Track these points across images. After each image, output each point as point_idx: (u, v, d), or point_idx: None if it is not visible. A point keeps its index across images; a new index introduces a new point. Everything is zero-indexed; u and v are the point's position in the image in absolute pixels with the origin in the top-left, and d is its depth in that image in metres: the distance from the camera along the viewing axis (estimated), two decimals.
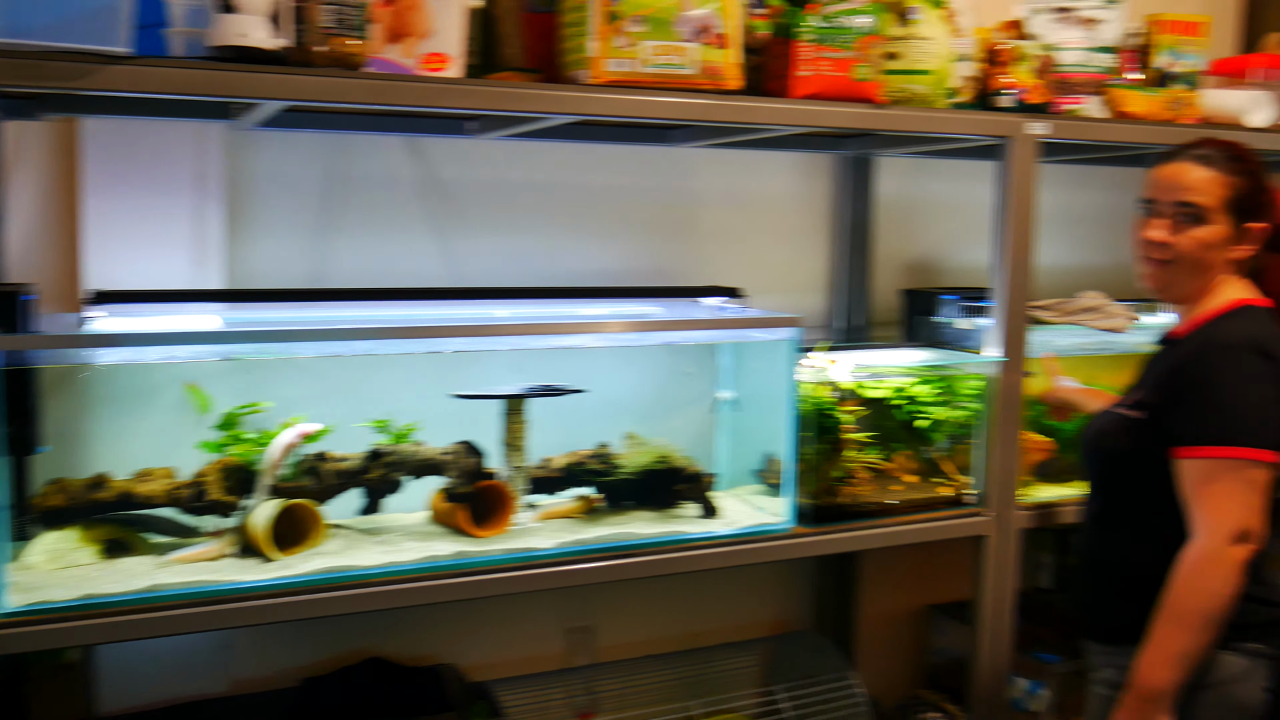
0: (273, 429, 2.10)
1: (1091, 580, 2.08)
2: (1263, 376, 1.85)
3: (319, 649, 2.51)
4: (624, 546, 2.19)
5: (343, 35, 1.80)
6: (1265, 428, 1.84)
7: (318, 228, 2.41)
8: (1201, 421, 1.86)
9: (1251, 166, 1.98)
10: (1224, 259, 1.98)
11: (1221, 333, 1.91)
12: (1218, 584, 1.81)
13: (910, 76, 2.33)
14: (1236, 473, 1.82)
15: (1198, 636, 1.82)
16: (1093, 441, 2.08)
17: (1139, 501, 1.99)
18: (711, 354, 2.60)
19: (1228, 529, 1.81)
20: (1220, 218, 1.96)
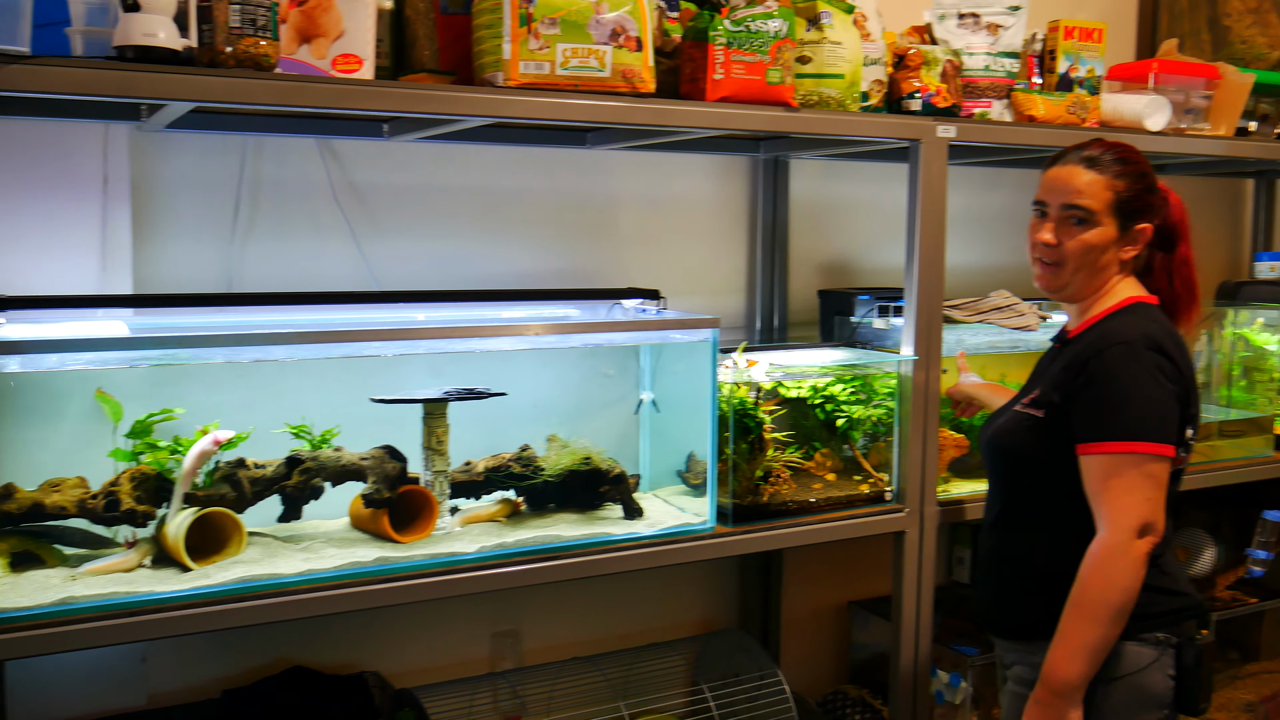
0: (188, 436, 2.07)
1: (997, 578, 2.10)
2: (1158, 372, 1.89)
3: (239, 659, 2.47)
4: (548, 549, 2.19)
5: (252, 36, 1.78)
6: (1163, 422, 1.88)
7: (229, 231, 2.39)
8: (1101, 419, 1.89)
9: (1138, 168, 2.02)
10: (1113, 259, 2.01)
11: (1116, 330, 1.94)
12: (1123, 577, 1.84)
13: (822, 80, 2.38)
14: (1137, 468, 1.86)
15: (1105, 629, 1.85)
16: (993, 441, 2.10)
17: (1041, 499, 2.01)
18: (632, 355, 2.62)
19: (1131, 523, 1.85)
20: (1107, 220, 2.00)
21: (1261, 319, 3.27)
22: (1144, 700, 1.94)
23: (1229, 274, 3.89)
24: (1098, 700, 1.91)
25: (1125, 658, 1.92)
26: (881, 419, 2.61)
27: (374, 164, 2.52)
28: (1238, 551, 3.36)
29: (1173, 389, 1.90)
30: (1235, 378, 3.33)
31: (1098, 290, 2.04)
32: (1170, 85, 2.86)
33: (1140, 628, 1.92)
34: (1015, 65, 2.69)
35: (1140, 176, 2.02)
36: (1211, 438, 3.19)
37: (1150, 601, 1.92)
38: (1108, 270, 2.02)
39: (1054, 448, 1.96)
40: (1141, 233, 2.02)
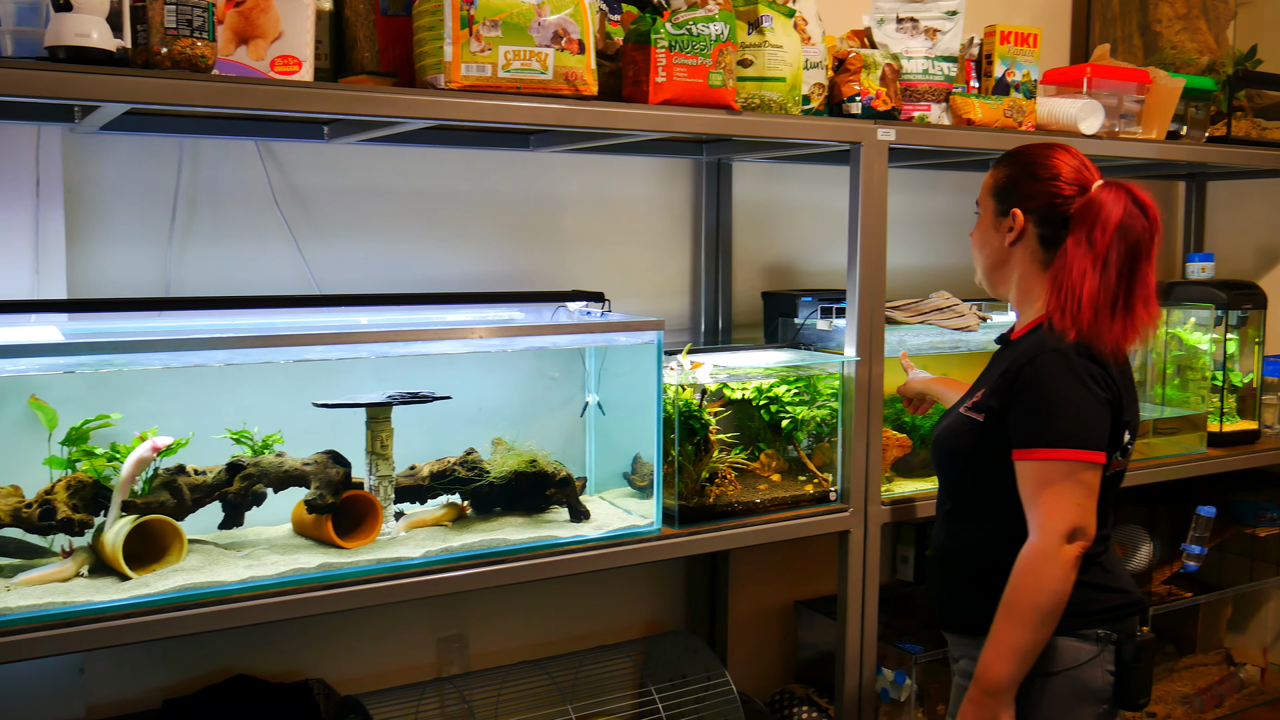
0: (126, 443, 2.04)
1: (945, 574, 2.13)
2: (1089, 379, 1.91)
3: (180, 669, 2.44)
4: (494, 553, 2.18)
5: (188, 37, 1.76)
6: (1093, 429, 1.90)
7: (166, 234, 2.35)
8: (1033, 425, 1.91)
9: (1027, 159, 2.04)
10: (1000, 247, 2.06)
11: (1049, 337, 1.95)
12: (1051, 581, 1.87)
13: (764, 83, 2.40)
14: (1069, 474, 1.88)
15: (1034, 632, 1.88)
16: (940, 442, 2.13)
17: (985, 498, 2.03)
18: (577, 358, 2.62)
19: (1060, 528, 1.87)
20: (986, 206, 2.09)
21: (1194, 319, 3.34)
22: (1083, 695, 1.97)
23: (1162, 274, 3.97)
24: (1036, 695, 1.94)
25: (1065, 653, 1.95)
26: (825, 419, 2.63)
27: (315, 166, 2.50)
28: (1173, 547, 3.42)
29: (1104, 396, 1.92)
30: (1169, 376, 3.40)
31: (1007, 284, 2.09)
32: (1103, 90, 2.92)
33: (1080, 624, 1.95)
34: (953, 69, 2.73)
35: (1025, 165, 2.04)
36: (1147, 435, 3.25)
37: (1090, 599, 1.96)
38: (1002, 262, 2.07)
39: (993, 451, 1.98)
40: (1013, 217, 2.03)
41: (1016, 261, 2.06)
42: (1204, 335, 3.32)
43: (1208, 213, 3.99)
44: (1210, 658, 3.75)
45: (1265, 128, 3.39)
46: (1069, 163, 2.02)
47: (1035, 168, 2.02)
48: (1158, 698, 3.49)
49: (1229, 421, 3.37)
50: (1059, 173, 2.00)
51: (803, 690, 3.08)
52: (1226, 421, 3.35)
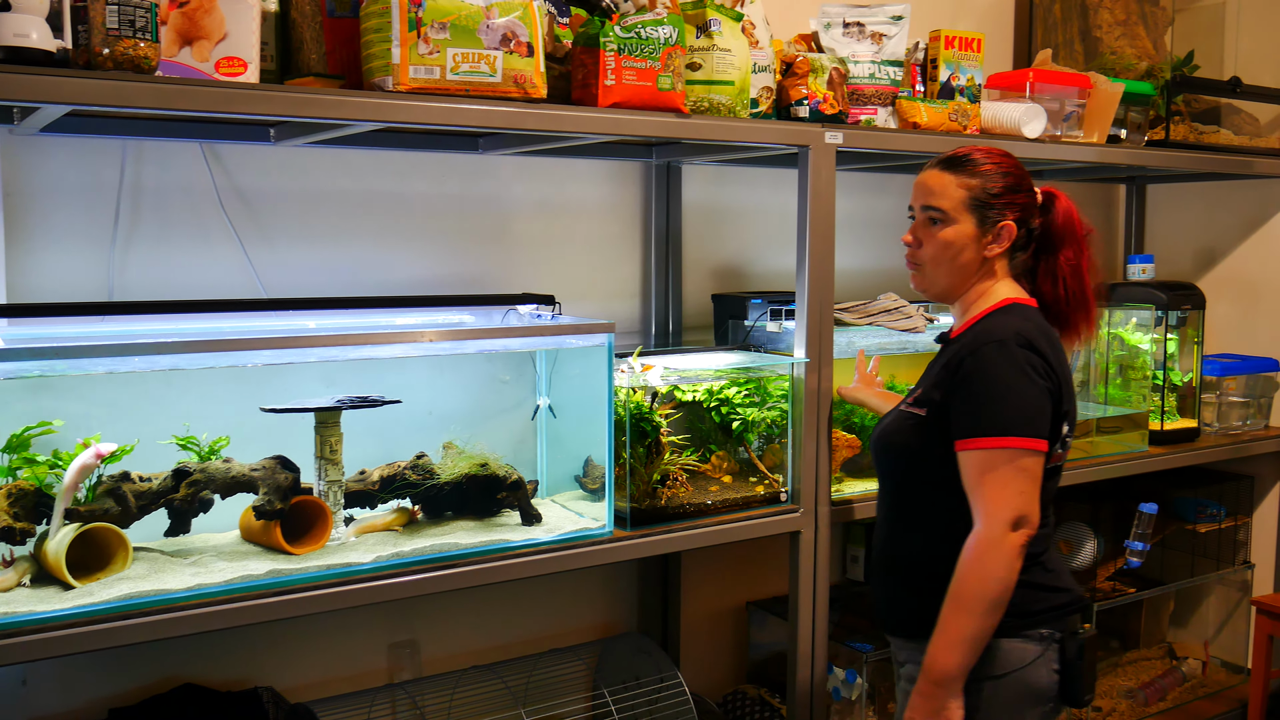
0: (68, 450, 2.01)
1: (888, 576, 2.13)
2: (1029, 368, 1.92)
3: (126, 678, 2.40)
4: (445, 557, 2.17)
5: (130, 38, 1.74)
6: (1035, 418, 1.91)
7: (109, 238, 2.32)
8: (975, 414, 1.92)
9: (999, 168, 2.06)
10: (975, 258, 2.06)
11: (990, 329, 1.98)
12: (998, 568, 1.87)
13: (713, 87, 2.41)
14: (1011, 462, 1.89)
15: (981, 620, 1.88)
16: (880, 440, 2.13)
17: (927, 497, 2.04)
18: (528, 361, 2.62)
19: (1005, 516, 1.88)
20: (962, 217, 2.05)
21: (1135, 319, 3.41)
22: (1029, 695, 1.98)
23: (1104, 276, 4.04)
24: (985, 697, 1.95)
25: (1010, 655, 1.96)
26: (776, 421, 2.65)
27: (261, 169, 2.47)
28: (1116, 543, 3.48)
29: (1044, 385, 1.94)
30: (1111, 376, 3.46)
31: (970, 291, 2.08)
32: (1046, 94, 2.97)
33: (1024, 624, 1.97)
34: (899, 73, 2.76)
35: (1001, 175, 2.05)
36: (1090, 434, 3.30)
37: (1033, 599, 1.97)
38: (971, 269, 2.07)
39: (936, 445, 1.99)
40: (1004, 229, 2.05)
41: (988, 268, 2.07)
42: (1145, 335, 3.38)
43: (1148, 215, 4.07)
44: (1153, 652, 3.82)
45: (1202, 131, 3.46)
46: (1022, 169, 2.10)
47: (1013, 178, 2.06)
48: (1102, 692, 3.55)
49: (1169, 420, 3.44)
50: (1027, 180, 2.08)
51: (755, 690, 3.09)
52: (1167, 420, 3.42)
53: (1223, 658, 3.89)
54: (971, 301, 2.09)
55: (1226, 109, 3.54)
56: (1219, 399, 3.60)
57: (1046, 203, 2.10)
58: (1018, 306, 2.04)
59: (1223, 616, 3.94)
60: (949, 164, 2.08)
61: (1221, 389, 3.61)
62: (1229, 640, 3.91)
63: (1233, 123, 3.56)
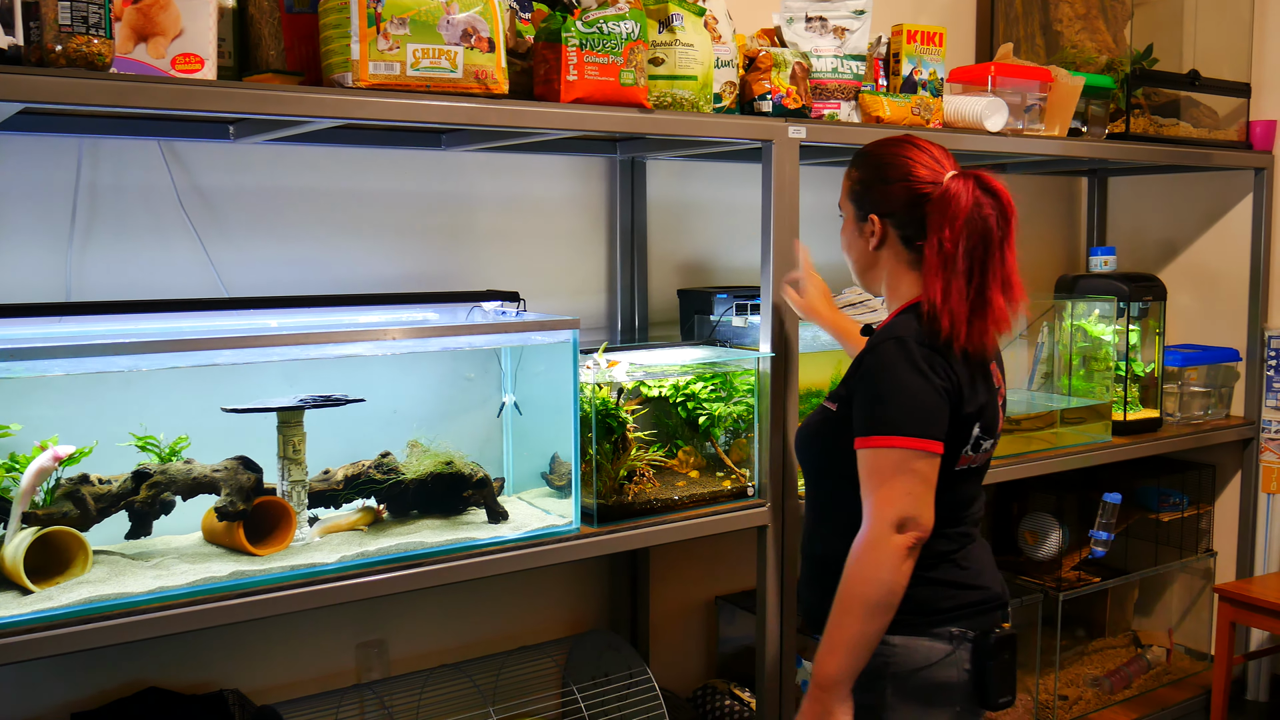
0: (25, 453, 1.98)
1: (809, 576, 2.08)
2: (925, 366, 1.85)
3: (88, 682, 2.37)
4: (411, 556, 2.16)
5: (83, 34, 1.71)
6: (927, 418, 1.84)
7: (65, 238, 2.29)
8: (869, 413, 1.86)
9: (876, 159, 1.98)
10: (864, 252, 2.02)
11: (894, 326, 1.93)
12: (880, 571, 1.81)
13: (675, 81, 2.41)
14: (900, 463, 1.82)
15: (862, 624, 1.81)
16: (800, 436, 2.09)
17: (839, 494, 1.96)
18: (493, 358, 2.61)
19: (891, 517, 1.81)
20: (847, 210, 2.05)
21: (1097, 310, 3.44)
22: (936, 696, 1.91)
23: (1066, 268, 4.08)
24: (890, 697, 1.90)
25: (915, 653, 1.90)
26: (742, 415, 2.66)
27: (220, 167, 2.45)
28: (1081, 533, 3.51)
29: (940, 384, 1.86)
30: (1075, 367, 3.49)
31: (886, 288, 2.03)
32: (1007, 88, 2.98)
33: (930, 622, 1.91)
34: (861, 68, 2.77)
35: (875, 167, 1.98)
36: (1054, 425, 3.33)
37: (942, 596, 1.92)
38: (865, 263, 2.04)
39: (845, 441, 1.92)
40: (871, 223, 1.99)
41: (884, 263, 2.01)
42: (1107, 327, 3.41)
43: (1109, 207, 4.11)
44: (1118, 640, 3.86)
45: (1162, 124, 3.50)
46: (919, 158, 1.94)
47: (886, 169, 1.96)
48: (1069, 680, 3.58)
49: (1132, 410, 3.47)
50: (910, 171, 1.93)
51: (724, 684, 3.10)
52: (1130, 410, 3.45)
53: (1186, 645, 3.94)
54: (890, 298, 2.03)
55: (1186, 102, 3.58)
56: (1181, 389, 3.64)
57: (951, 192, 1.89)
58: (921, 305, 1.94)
59: (1186, 604, 3.99)
60: (850, 160, 2.06)
61: (1183, 379, 3.64)
62: (1192, 627, 3.96)
63: (1192, 115, 3.59)
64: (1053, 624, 3.42)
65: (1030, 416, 3.32)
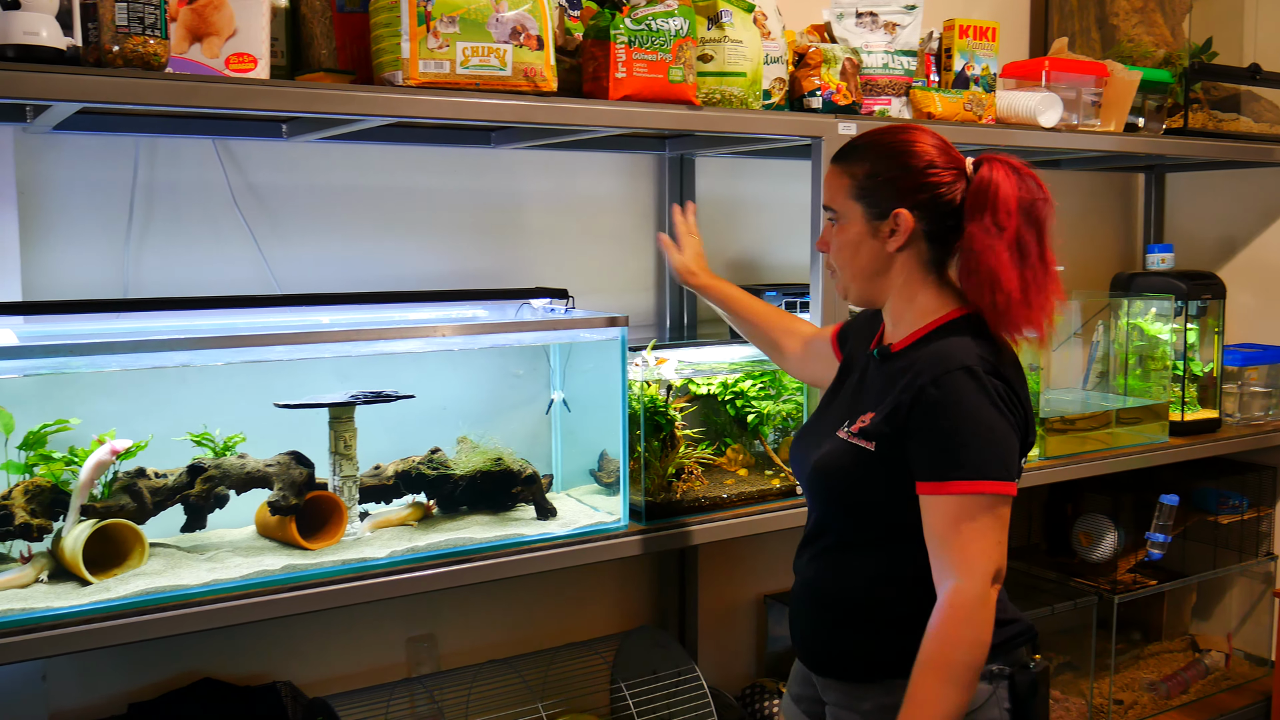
0: (84, 447, 2.02)
1: (816, 610, 1.90)
2: (1000, 400, 1.69)
3: (145, 673, 2.41)
4: (460, 552, 2.18)
5: (140, 34, 1.74)
6: (1009, 457, 1.69)
7: (123, 235, 2.33)
8: (945, 457, 1.67)
9: (889, 148, 1.78)
10: (880, 254, 1.79)
11: (950, 352, 1.71)
12: (983, 632, 1.65)
13: (724, 78, 2.40)
14: (989, 510, 1.65)
15: (968, 693, 1.65)
16: (819, 471, 1.84)
17: (872, 535, 1.81)
18: (542, 355, 2.61)
19: (988, 572, 1.65)
20: (851, 210, 1.80)
21: (1154, 309, 3.38)
22: None
23: (1122, 266, 4.02)
24: None
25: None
26: (791, 414, 2.64)
27: (273, 165, 2.48)
28: (1137, 535, 3.46)
29: (1012, 420, 1.70)
30: (1131, 367, 3.44)
31: (895, 296, 1.83)
32: (1062, 83, 2.94)
33: None
34: (913, 63, 2.74)
35: (892, 157, 1.77)
36: (1110, 425, 3.28)
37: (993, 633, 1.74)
38: (876, 268, 1.81)
39: (886, 484, 1.75)
40: (899, 217, 1.76)
41: (900, 267, 1.80)
42: (1164, 326, 3.36)
43: (1167, 204, 4.04)
44: (1175, 644, 3.79)
45: (1221, 119, 3.43)
46: (936, 144, 1.78)
47: (906, 158, 1.76)
48: (1124, 685, 3.53)
49: (1190, 411, 3.41)
50: (933, 159, 1.76)
51: (773, 684, 3.09)
52: (1188, 411, 3.39)
53: (1246, 650, 3.86)
54: (904, 309, 1.82)
55: (1246, 96, 3.50)
56: (1240, 389, 3.57)
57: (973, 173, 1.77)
58: (969, 319, 1.78)
59: (1245, 608, 3.91)
60: (837, 155, 1.84)
61: (1243, 379, 3.57)
62: (1252, 632, 3.88)
63: (1252, 110, 3.52)
64: (1108, 627, 3.36)
65: (1085, 416, 3.27)
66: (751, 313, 2.26)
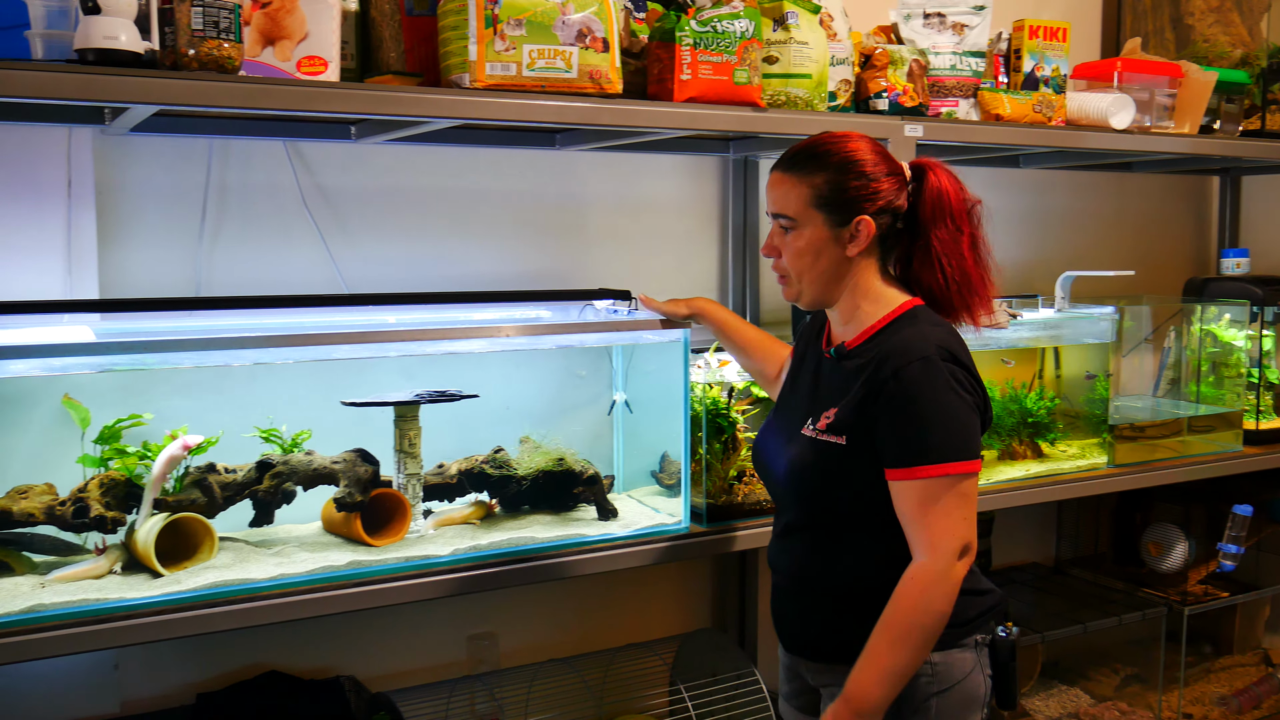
0: (157, 442, 2.06)
1: (806, 599, 1.94)
2: (956, 385, 1.78)
3: (213, 664, 2.46)
4: (522, 551, 2.19)
5: (214, 38, 1.78)
6: (969, 439, 1.78)
7: (196, 235, 2.38)
8: (909, 443, 1.76)
9: (842, 158, 1.84)
10: (840, 259, 1.86)
11: (906, 343, 1.80)
12: (941, 602, 1.75)
13: (790, 80, 2.39)
14: (952, 489, 1.75)
15: (917, 655, 1.76)
16: (793, 471, 1.91)
17: (850, 523, 1.87)
18: (604, 357, 2.62)
19: (953, 547, 1.75)
20: (812, 220, 1.84)
21: (1228, 315, 3.31)
22: (969, 705, 1.87)
23: (1195, 270, 3.93)
24: (934, 714, 1.84)
25: (954, 666, 1.85)
26: None
27: (342, 166, 2.52)
28: (1209, 546, 3.38)
29: (971, 400, 1.79)
30: (1204, 374, 3.37)
31: (848, 296, 1.89)
32: (1135, 84, 2.89)
33: (962, 633, 1.86)
34: (981, 64, 2.71)
35: (844, 167, 1.84)
36: (1181, 433, 3.22)
37: (969, 605, 1.86)
38: (837, 272, 1.87)
39: (860, 472, 1.82)
40: (861, 224, 1.83)
41: (859, 270, 1.87)
42: (1239, 332, 3.28)
43: (1242, 208, 3.94)
44: (1248, 658, 3.70)
45: None
46: (879, 151, 1.88)
47: (861, 165, 1.84)
48: (1194, 698, 3.45)
49: (1265, 419, 3.33)
50: (881, 168, 1.85)
51: None
52: (1262, 419, 3.31)
53: None
54: (855, 307, 1.89)
55: None
56: None
57: (916, 179, 1.88)
58: (919, 311, 1.87)
59: None
60: (788, 163, 1.88)
61: None
62: None
63: None
64: (1177, 639, 3.29)
65: (1155, 424, 3.21)
66: (741, 338, 2.29)
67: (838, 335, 1.94)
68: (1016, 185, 3.51)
